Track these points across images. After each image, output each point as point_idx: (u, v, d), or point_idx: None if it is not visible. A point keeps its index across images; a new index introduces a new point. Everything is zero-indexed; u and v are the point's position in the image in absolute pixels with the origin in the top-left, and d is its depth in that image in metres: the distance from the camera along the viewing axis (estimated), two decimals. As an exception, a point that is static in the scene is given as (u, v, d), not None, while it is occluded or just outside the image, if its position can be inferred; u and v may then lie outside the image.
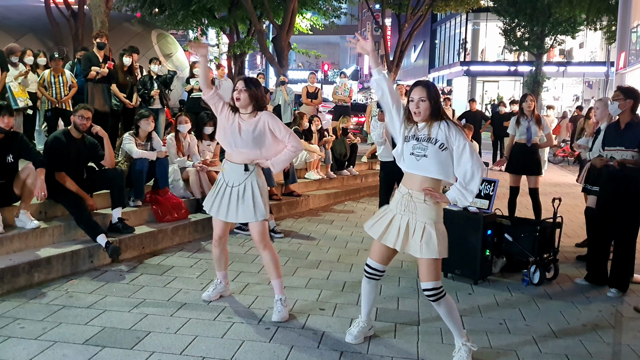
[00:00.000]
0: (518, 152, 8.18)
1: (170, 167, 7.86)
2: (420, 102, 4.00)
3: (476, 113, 17.02)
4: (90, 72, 9.33)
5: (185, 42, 26.63)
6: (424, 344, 4.49)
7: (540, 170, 8.35)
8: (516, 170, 8.26)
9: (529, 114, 8.14)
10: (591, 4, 26.48)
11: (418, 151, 4.01)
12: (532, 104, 8.19)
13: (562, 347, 4.54)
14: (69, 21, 17.27)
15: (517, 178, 8.30)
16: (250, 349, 4.26)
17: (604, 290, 5.91)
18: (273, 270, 4.94)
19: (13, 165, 5.90)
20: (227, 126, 4.83)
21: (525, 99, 8.35)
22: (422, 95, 4.00)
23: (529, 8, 32.82)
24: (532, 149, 8.14)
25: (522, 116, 8.19)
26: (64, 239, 6.15)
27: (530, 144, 8.10)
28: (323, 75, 51.10)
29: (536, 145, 8.17)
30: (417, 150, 4.01)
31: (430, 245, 3.96)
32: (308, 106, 13.87)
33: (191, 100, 11.27)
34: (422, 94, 4.00)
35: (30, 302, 5.00)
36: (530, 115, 8.14)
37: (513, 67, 42.53)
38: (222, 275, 5.32)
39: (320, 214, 9.67)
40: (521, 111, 8.25)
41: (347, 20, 40.99)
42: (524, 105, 8.24)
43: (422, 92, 4.01)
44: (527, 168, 8.19)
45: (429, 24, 49.92)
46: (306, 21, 25.48)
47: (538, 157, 8.27)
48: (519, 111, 8.32)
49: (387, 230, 4.12)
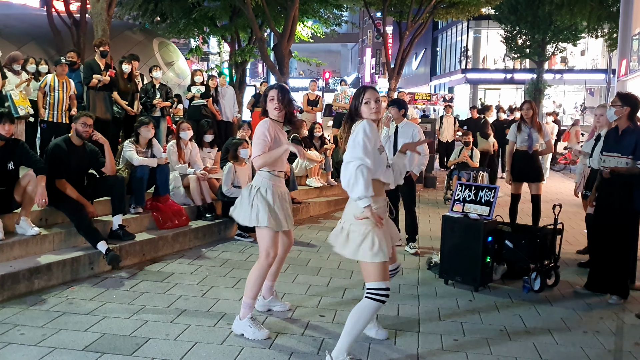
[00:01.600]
0: (519, 160, 8.16)
1: (171, 174, 7.88)
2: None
3: (477, 120, 17.02)
4: (92, 80, 9.34)
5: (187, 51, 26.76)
6: (424, 350, 4.48)
7: (542, 177, 8.35)
8: (518, 178, 8.23)
9: (528, 120, 8.13)
10: (592, 12, 26.52)
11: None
12: (530, 111, 8.16)
13: (563, 354, 4.53)
14: (71, 29, 17.31)
15: (518, 185, 8.29)
16: (250, 356, 4.25)
17: (605, 297, 5.90)
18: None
19: (14, 173, 5.91)
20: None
21: (523, 106, 8.35)
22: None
23: (530, 16, 32.88)
24: (533, 156, 8.13)
25: (523, 123, 8.19)
26: (65, 245, 6.16)
27: (532, 151, 8.10)
28: (324, 83, 51.16)
29: (537, 152, 8.17)
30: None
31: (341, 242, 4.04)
32: (309, 114, 13.87)
33: (192, 108, 11.28)
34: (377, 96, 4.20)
35: (30, 308, 5.00)
36: (530, 122, 8.14)
37: (510, 75, 42.65)
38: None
39: (321, 221, 9.67)
40: (522, 118, 8.25)
41: (348, 28, 41.09)
42: (522, 112, 8.25)
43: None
44: (529, 175, 8.17)
45: (431, 31, 50.06)
46: (307, 29, 25.50)
47: (539, 164, 8.27)
48: (520, 118, 8.32)
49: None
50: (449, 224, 6.29)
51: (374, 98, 4.14)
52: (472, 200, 6.29)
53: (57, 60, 9.78)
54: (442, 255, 6.29)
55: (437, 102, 29.13)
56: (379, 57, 57.50)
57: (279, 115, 4.72)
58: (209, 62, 40.26)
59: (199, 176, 8.01)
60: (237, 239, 7.87)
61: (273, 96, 4.70)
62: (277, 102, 4.68)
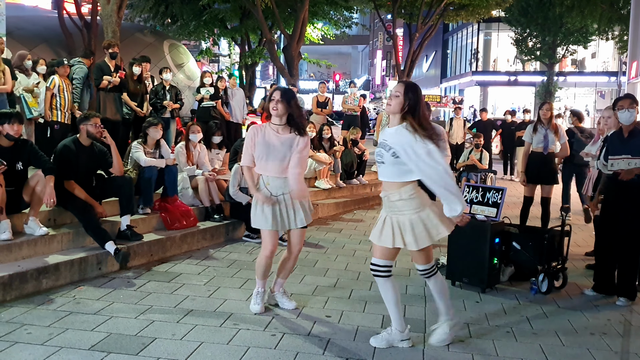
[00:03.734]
0: (534, 161, 8.07)
1: (180, 175, 7.90)
2: (394, 97, 4.23)
3: (487, 123, 16.99)
4: (102, 82, 9.39)
5: (197, 53, 26.85)
6: (431, 350, 4.47)
7: (556, 180, 8.26)
8: (532, 180, 8.13)
9: (545, 121, 8.06)
10: (603, 14, 26.42)
11: (378, 157, 4.31)
12: (549, 112, 8.07)
13: (570, 356, 4.51)
14: (82, 32, 17.39)
15: (532, 188, 8.20)
16: (256, 356, 4.26)
17: (613, 299, 5.86)
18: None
19: (22, 173, 5.96)
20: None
21: (542, 106, 8.25)
22: (398, 91, 4.22)
23: (540, 18, 32.81)
24: (549, 158, 8.06)
25: (539, 124, 8.11)
26: (73, 245, 6.19)
27: (547, 152, 8.04)
28: (334, 86, 51.19)
29: (552, 154, 8.10)
30: (377, 156, 4.32)
31: (421, 237, 4.18)
32: (318, 115, 13.89)
33: (201, 109, 11.32)
34: (398, 89, 4.22)
35: (37, 308, 5.03)
36: (547, 123, 8.06)
37: (520, 77, 42.54)
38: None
39: (329, 222, 9.67)
40: (538, 119, 8.18)
41: (359, 30, 41.17)
42: (540, 112, 8.17)
43: (399, 87, 4.24)
44: (543, 177, 8.09)
45: (441, 34, 50.03)
46: (317, 31, 25.58)
47: (555, 166, 8.21)
48: (537, 119, 8.24)
49: (382, 232, 4.31)
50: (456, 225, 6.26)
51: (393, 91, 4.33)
52: (479, 201, 6.28)
53: (59, 61, 9.81)
54: (449, 257, 6.27)
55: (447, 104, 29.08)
56: (389, 59, 57.50)
57: (276, 116, 4.89)
58: (219, 63, 40.44)
59: (207, 177, 8.03)
60: (245, 240, 7.89)
61: (274, 97, 4.88)
62: (275, 102, 4.85)
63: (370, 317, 5.15)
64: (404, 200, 4.20)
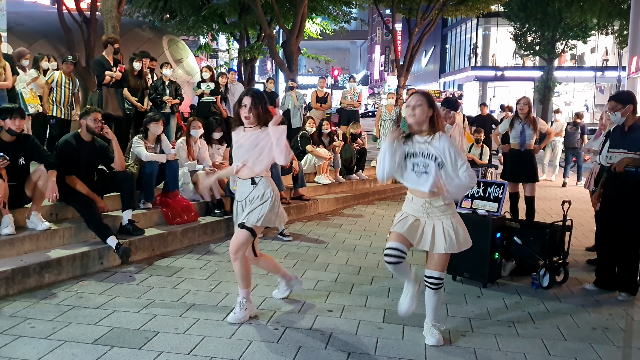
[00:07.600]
0: (512, 159, 8.06)
1: (180, 170, 7.90)
2: (417, 106, 4.26)
3: (486, 117, 16.98)
4: (105, 77, 9.37)
5: (196, 48, 26.82)
6: (432, 346, 4.49)
7: (537, 177, 8.20)
8: (512, 178, 8.04)
9: (522, 117, 7.99)
10: (602, 8, 26.44)
11: (420, 168, 4.30)
12: (526, 107, 8.02)
13: (572, 351, 4.52)
14: (81, 27, 17.33)
15: (514, 185, 8.13)
16: (258, 349, 4.27)
17: (614, 294, 5.87)
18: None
19: (25, 168, 5.96)
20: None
21: (519, 101, 8.19)
22: (419, 100, 4.27)
23: (539, 13, 32.78)
24: (528, 155, 8.00)
25: (516, 119, 8.06)
26: (75, 240, 6.20)
27: (524, 148, 7.97)
28: (333, 81, 51.13)
29: (531, 151, 8.04)
30: (419, 166, 4.31)
31: (451, 241, 4.29)
32: (317, 111, 13.88)
33: (201, 104, 11.30)
34: (418, 99, 4.28)
35: (40, 302, 5.04)
36: (524, 118, 7.99)
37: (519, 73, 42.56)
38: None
39: (329, 217, 9.68)
40: (516, 114, 8.15)
41: (357, 25, 41.12)
42: (517, 107, 8.14)
43: (419, 97, 4.29)
44: (523, 176, 8.05)
45: (440, 28, 49.98)
46: (316, 26, 25.55)
47: (534, 163, 8.12)
48: (515, 114, 8.22)
49: (409, 229, 4.34)
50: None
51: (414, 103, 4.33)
52: (480, 196, 6.29)
53: (64, 58, 9.83)
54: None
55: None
56: (388, 54, 57.52)
57: (249, 125, 4.74)
58: (217, 59, 40.38)
59: (208, 172, 8.03)
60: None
61: (245, 103, 4.69)
62: (246, 110, 4.68)
63: (371, 312, 5.16)
64: (446, 205, 4.34)
